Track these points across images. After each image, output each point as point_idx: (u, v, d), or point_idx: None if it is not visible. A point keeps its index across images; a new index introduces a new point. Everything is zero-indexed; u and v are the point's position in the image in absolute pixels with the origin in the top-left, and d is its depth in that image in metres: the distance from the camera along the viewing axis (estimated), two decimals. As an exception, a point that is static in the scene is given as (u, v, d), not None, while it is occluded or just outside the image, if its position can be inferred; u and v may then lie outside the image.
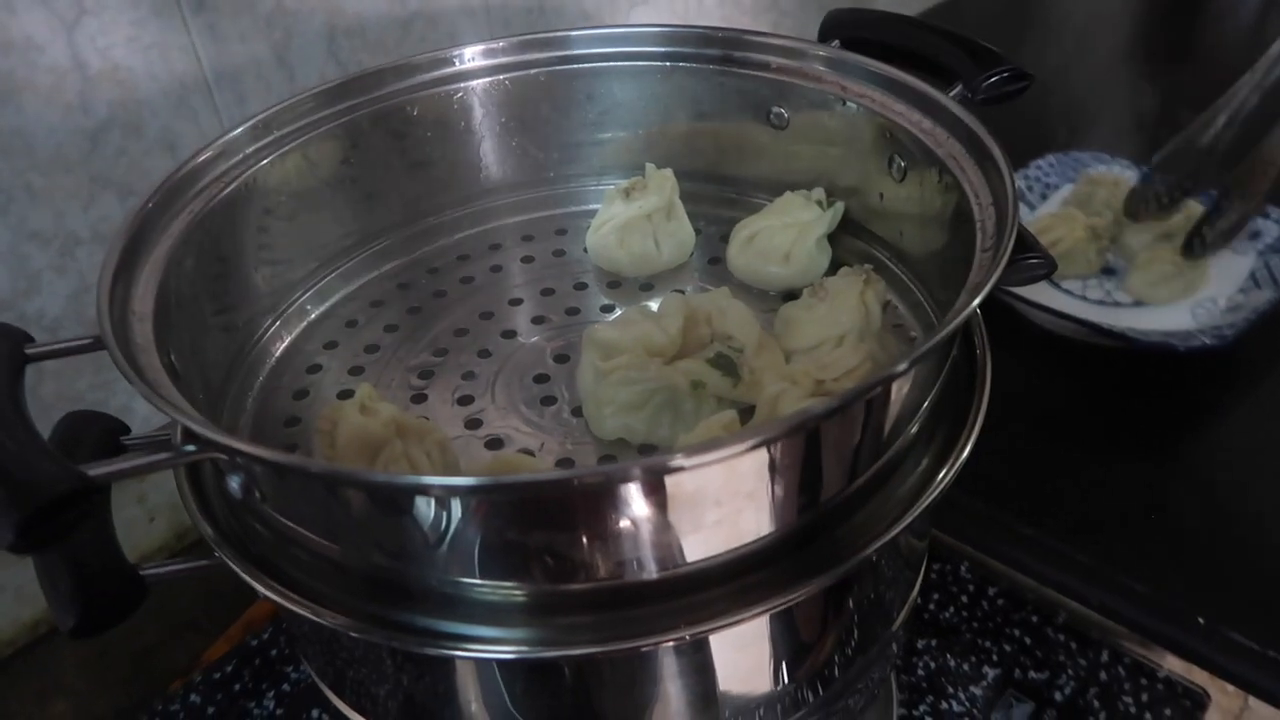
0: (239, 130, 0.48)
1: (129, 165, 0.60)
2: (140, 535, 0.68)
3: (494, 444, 0.44)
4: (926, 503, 0.37)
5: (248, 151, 0.48)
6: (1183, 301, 0.74)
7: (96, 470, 0.30)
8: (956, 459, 0.39)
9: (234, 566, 0.37)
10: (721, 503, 0.34)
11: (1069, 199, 0.82)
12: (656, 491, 0.33)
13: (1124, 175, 0.82)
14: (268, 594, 0.36)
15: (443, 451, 0.41)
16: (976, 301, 0.34)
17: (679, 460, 0.31)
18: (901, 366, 0.32)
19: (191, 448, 0.33)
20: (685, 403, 0.43)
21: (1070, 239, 0.75)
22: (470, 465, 0.43)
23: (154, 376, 0.35)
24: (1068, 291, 0.76)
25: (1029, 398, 0.70)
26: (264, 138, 0.49)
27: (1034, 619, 0.59)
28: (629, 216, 0.52)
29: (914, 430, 0.39)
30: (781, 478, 0.34)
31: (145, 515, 0.68)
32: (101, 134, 0.59)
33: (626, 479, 0.32)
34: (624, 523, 0.33)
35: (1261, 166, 0.66)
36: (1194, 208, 0.76)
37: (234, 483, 0.35)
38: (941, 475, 0.38)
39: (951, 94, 0.46)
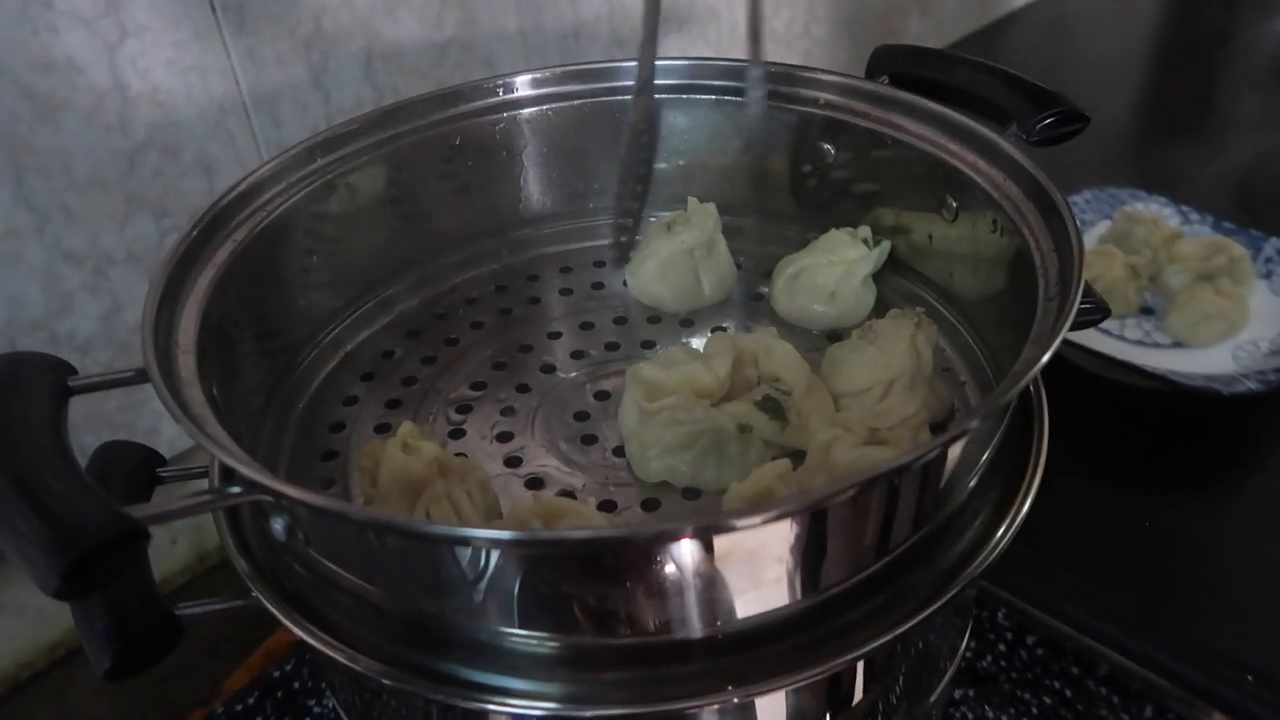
0: (284, 156, 0.47)
1: (165, 186, 0.60)
2: (163, 556, 0.67)
3: (534, 483, 0.43)
4: (987, 562, 0.36)
5: (292, 179, 0.47)
6: (1224, 343, 0.72)
7: (143, 513, 0.29)
8: (1016, 515, 0.38)
9: (270, 608, 0.36)
10: (776, 560, 0.33)
11: (1106, 236, 0.81)
12: (707, 548, 0.32)
13: (1162, 213, 0.81)
14: (304, 636, 0.36)
15: (484, 491, 0.40)
16: (1048, 353, 0.33)
17: (734, 520, 0.30)
18: (974, 423, 0.31)
19: (237, 489, 0.32)
20: (731, 445, 0.42)
21: (1109, 277, 0.74)
22: (511, 506, 0.42)
23: (198, 412, 0.35)
24: (1105, 331, 0.74)
25: (1068, 439, 0.69)
26: (309, 164, 0.48)
27: (1074, 670, 0.58)
28: (671, 251, 0.52)
29: (972, 484, 0.38)
30: (837, 535, 0.33)
31: (169, 537, 0.67)
32: (139, 155, 0.58)
33: (679, 537, 0.31)
34: (671, 578, 0.32)
35: None
36: (1235, 248, 0.75)
37: (278, 525, 0.34)
38: (1000, 532, 0.37)
39: (1006, 135, 0.46)
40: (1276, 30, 0.70)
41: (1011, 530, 0.36)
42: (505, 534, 0.32)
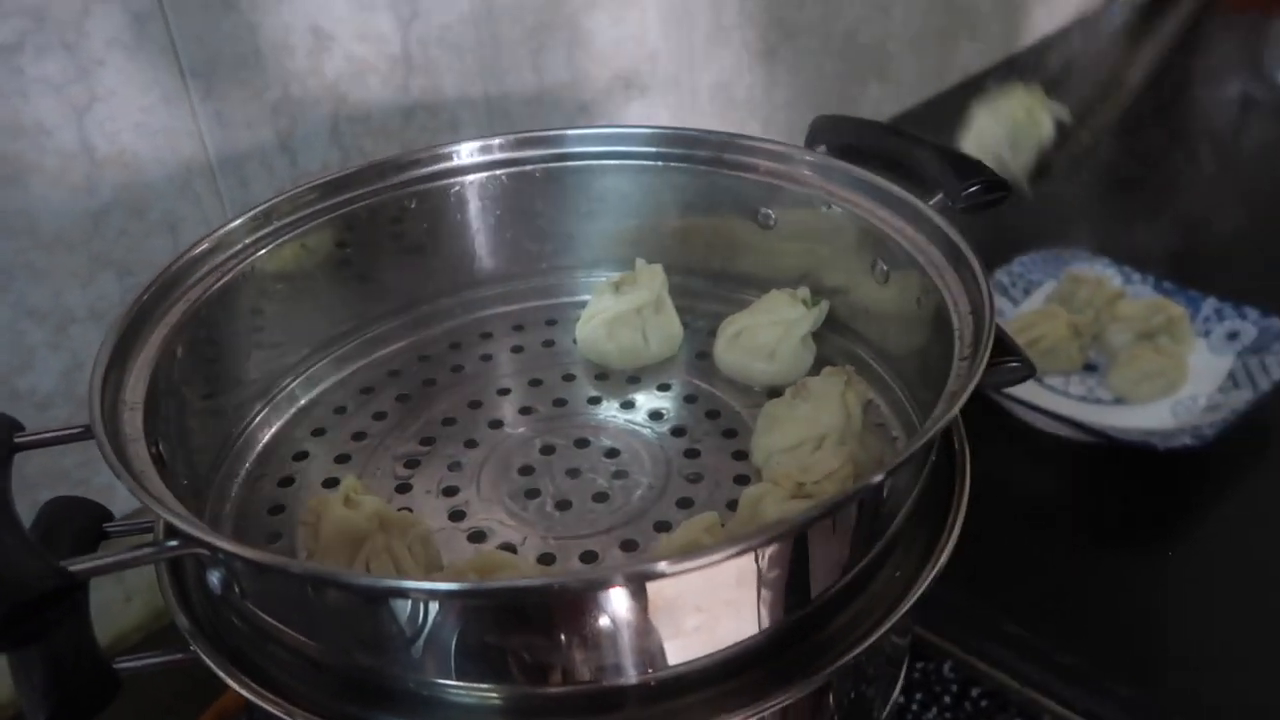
0: (239, 221, 0.49)
1: (129, 246, 0.61)
2: (117, 615, 0.67)
3: (477, 537, 0.44)
4: (907, 606, 0.37)
5: (246, 241, 0.49)
6: (1164, 399, 0.74)
7: (79, 566, 0.30)
8: (936, 561, 0.39)
9: (209, 661, 0.37)
10: (701, 608, 0.34)
11: (1052, 296, 0.83)
12: (637, 597, 0.33)
13: (1105, 274, 0.84)
14: (241, 690, 0.36)
15: (425, 546, 0.41)
16: (953, 411, 0.35)
17: (661, 567, 0.32)
18: (878, 478, 0.32)
19: (174, 543, 0.33)
20: None
21: (1053, 336, 0.76)
22: (452, 560, 0.43)
23: (140, 468, 0.36)
24: (1050, 387, 0.77)
25: (1013, 492, 0.71)
26: (263, 228, 0.50)
27: (1018, 721, 0.59)
28: (618, 310, 0.53)
29: (895, 532, 0.39)
30: (762, 583, 0.35)
31: (122, 595, 0.67)
32: (104, 215, 0.60)
33: (607, 585, 0.33)
34: (604, 626, 0.34)
35: None
36: (1174, 308, 0.78)
37: (214, 578, 0.35)
38: (922, 578, 0.38)
39: (932, 202, 0.48)
40: (1220, 95, 0.74)
41: (931, 576, 0.38)
42: (428, 585, 0.33)
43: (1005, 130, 0.47)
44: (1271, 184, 1.12)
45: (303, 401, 0.52)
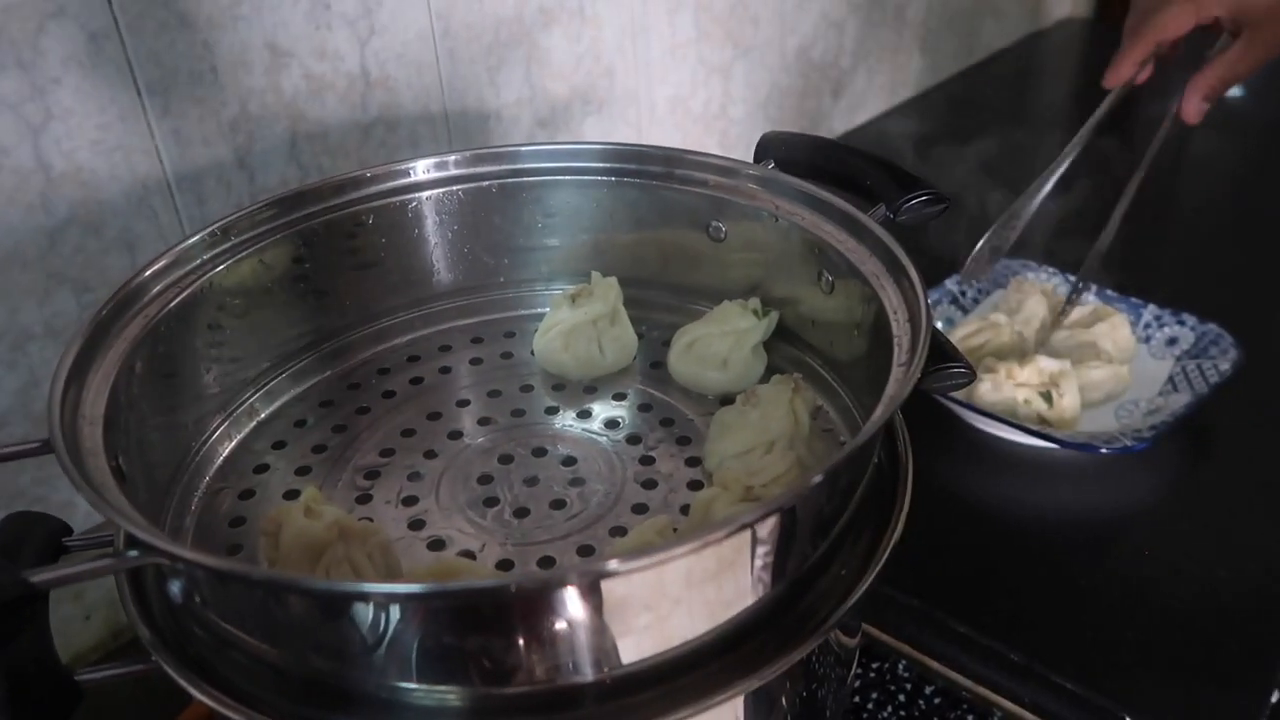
0: (196, 237, 0.49)
1: (85, 263, 0.61)
2: (76, 633, 0.67)
3: (436, 545, 0.45)
4: (850, 604, 0.39)
5: (204, 258, 0.49)
6: (1106, 404, 0.77)
7: (39, 577, 0.31)
8: (880, 558, 0.41)
9: (170, 671, 0.37)
10: (652, 607, 0.35)
11: (1000, 304, 0.86)
12: (591, 596, 0.34)
13: (1050, 283, 0.87)
14: (203, 699, 0.37)
15: (384, 554, 0.42)
16: (888, 413, 0.37)
17: (613, 566, 0.33)
18: (818, 479, 0.34)
19: (134, 553, 0.34)
20: None
21: (996, 342, 0.78)
22: (411, 567, 0.43)
23: (100, 480, 0.36)
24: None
25: (962, 496, 0.73)
26: (221, 244, 0.50)
27: (970, 718, 0.61)
28: (575, 321, 0.55)
29: (840, 531, 0.41)
30: (710, 582, 0.36)
31: (81, 613, 0.67)
32: (60, 232, 0.60)
33: (562, 584, 0.34)
34: (560, 626, 0.35)
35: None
36: (1117, 315, 0.81)
37: (175, 587, 0.35)
38: (867, 574, 0.40)
39: (873, 214, 0.50)
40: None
41: (874, 574, 0.39)
42: (386, 588, 0.34)
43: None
44: (1208, 195, 1.17)
45: (263, 415, 0.53)
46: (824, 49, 1.18)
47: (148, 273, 0.47)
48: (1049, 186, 0.74)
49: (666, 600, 0.35)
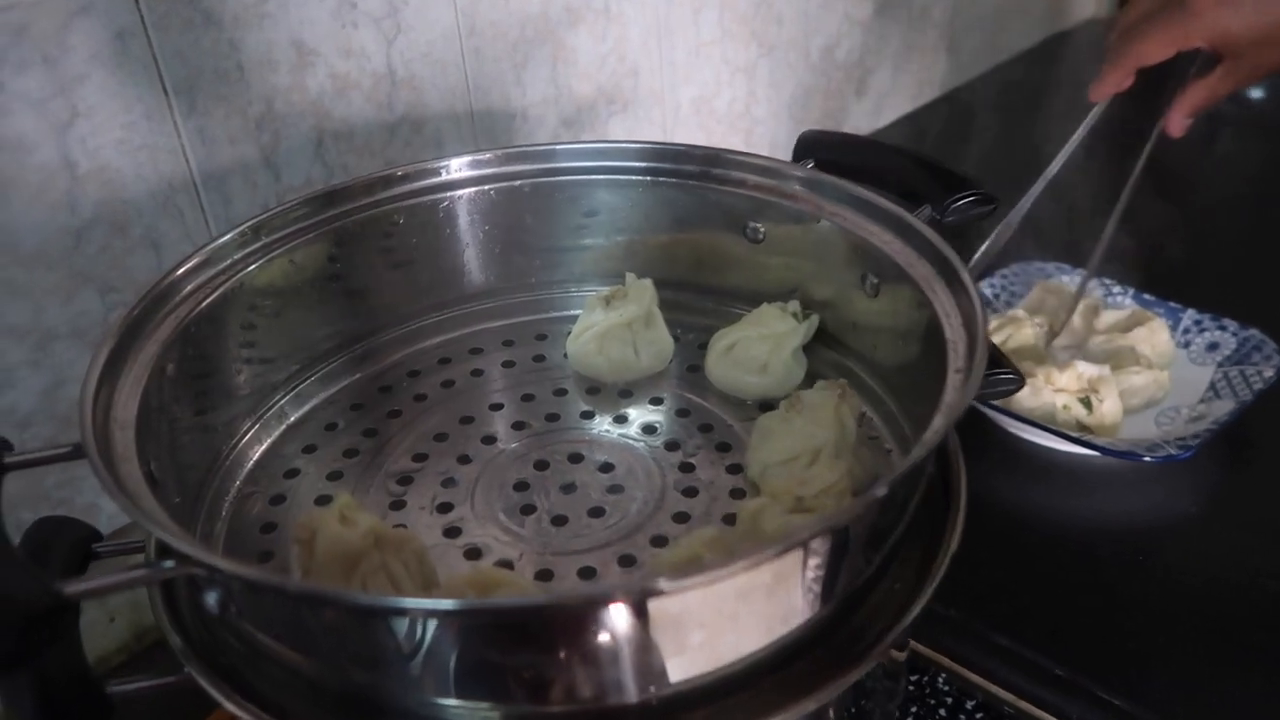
0: (228, 236, 0.48)
1: (111, 262, 0.60)
2: (100, 635, 0.66)
3: (473, 553, 0.44)
4: (906, 622, 0.37)
5: (236, 257, 0.48)
6: (1146, 411, 0.75)
7: (72, 588, 0.30)
8: (936, 573, 0.39)
9: (204, 683, 0.36)
10: (704, 624, 0.34)
11: (1026, 306, 0.84)
12: (638, 614, 0.33)
13: (1072, 283, 0.85)
14: (237, 711, 0.36)
15: (420, 562, 0.41)
16: (951, 422, 0.35)
17: (662, 584, 0.31)
18: (882, 492, 0.33)
19: (170, 563, 0.33)
20: None
21: (1017, 340, 0.76)
22: (448, 576, 0.42)
23: (134, 487, 0.35)
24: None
25: (1002, 505, 0.71)
26: (252, 244, 0.49)
27: (1011, 732, 0.59)
28: (609, 324, 0.53)
29: (891, 546, 0.39)
30: (762, 599, 0.35)
31: (105, 615, 0.66)
32: (86, 231, 0.59)
33: (608, 601, 0.32)
34: (604, 644, 0.33)
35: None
36: (1155, 320, 0.79)
37: (211, 598, 0.34)
38: (923, 590, 0.38)
39: (919, 215, 0.48)
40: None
41: (929, 590, 0.38)
42: (428, 603, 0.33)
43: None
44: (1243, 197, 1.15)
45: (293, 418, 0.52)
46: (848, 48, 1.16)
47: (179, 272, 0.46)
48: (1039, 190, 0.72)
49: (718, 617, 0.34)
